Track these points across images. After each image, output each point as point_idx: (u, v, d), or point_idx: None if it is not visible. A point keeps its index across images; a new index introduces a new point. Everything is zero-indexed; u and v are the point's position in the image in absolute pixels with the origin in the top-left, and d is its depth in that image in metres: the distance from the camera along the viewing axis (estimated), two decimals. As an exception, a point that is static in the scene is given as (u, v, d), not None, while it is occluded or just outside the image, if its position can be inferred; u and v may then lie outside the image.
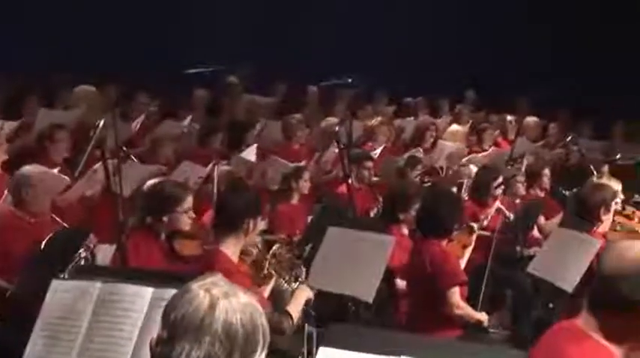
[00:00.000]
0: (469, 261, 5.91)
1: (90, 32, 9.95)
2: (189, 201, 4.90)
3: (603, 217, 5.64)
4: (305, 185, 7.36)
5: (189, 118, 9.02)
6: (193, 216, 4.95)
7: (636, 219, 6.01)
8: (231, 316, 1.97)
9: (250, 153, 8.06)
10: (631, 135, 11.27)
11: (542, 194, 8.13)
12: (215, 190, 6.36)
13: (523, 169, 8.35)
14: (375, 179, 8.08)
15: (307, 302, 4.51)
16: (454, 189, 7.36)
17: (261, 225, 4.53)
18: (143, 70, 9.60)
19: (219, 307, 1.97)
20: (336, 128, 7.10)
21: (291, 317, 4.33)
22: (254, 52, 10.95)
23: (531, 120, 10.70)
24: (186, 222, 4.86)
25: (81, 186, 6.18)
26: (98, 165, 5.91)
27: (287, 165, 7.68)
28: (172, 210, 4.82)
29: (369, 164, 7.85)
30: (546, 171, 8.19)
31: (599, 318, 2.47)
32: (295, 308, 4.39)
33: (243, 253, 4.46)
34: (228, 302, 1.99)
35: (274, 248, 4.79)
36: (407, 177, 7.92)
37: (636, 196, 7.69)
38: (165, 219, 4.82)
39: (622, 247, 2.50)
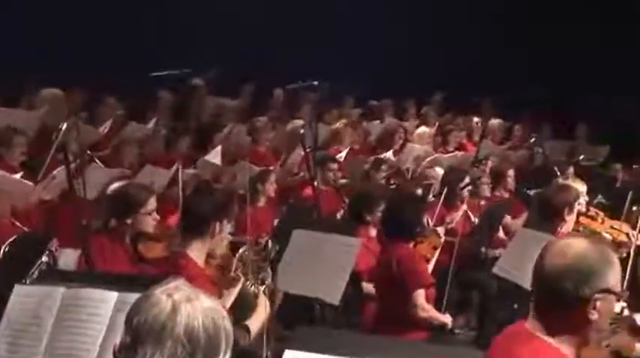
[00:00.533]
0: (436, 263, 5.93)
1: (59, 34, 9.86)
2: (152, 203, 4.88)
3: (567, 218, 5.68)
4: (271, 188, 7.35)
5: (153, 121, 8.96)
6: (158, 217, 4.93)
7: (600, 220, 6.06)
8: (193, 320, 1.98)
9: (215, 156, 8.03)
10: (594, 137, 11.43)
11: (506, 195, 8.20)
12: (180, 193, 6.32)
13: (487, 171, 8.42)
14: (342, 181, 8.10)
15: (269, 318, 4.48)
16: (420, 192, 7.38)
17: (228, 227, 4.51)
18: (111, 73, 9.52)
19: (181, 311, 1.98)
20: (302, 131, 7.09)
21: (249, 332, 4.29)
22: (220, 54, 10.91)
23: (496, 122, 10.81)
24: (150, 224, 4.84)
25: (39, 190, 6.13)
26: (57, 171, 5.87)
27: (253, 168, 7.67)
28: (136, 212, 4.79)
29: (333, 166, 7.87)
30: (510, 173, 8.27)
31: (546, 318, 2.46)
32: (255, 322, 4.37)
33: (210, 256, 4.43)
34: (190, 306, 1.99)
35: (241, 251, 4.76)
36: (372, 180, 7.94)
37: (599, 197, 7.77)
38: (129, 221, 4.80)
39: (561, 245, 2.49)
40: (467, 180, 7.34)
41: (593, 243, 2.48)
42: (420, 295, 5.25)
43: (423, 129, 10.54)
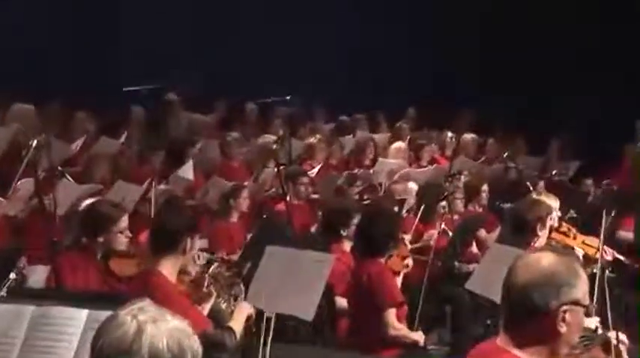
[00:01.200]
0: (409, 277, 5.94)
1: (31, 48, 9.80)
2: (124, 221, 4.85)
3: (540, 233, 5.70)
4: (244, 203, 7.34)
5: (124, 135, 8.92)
6: (129, 235, 4.91)
7: (572, 236, 6.09)
8: (157, 341, 1.97)
9: (187, 171, 8.01)
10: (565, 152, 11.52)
11: (480, 210, 8.21)
12: (152, 209, 6.30)
13: (461, 185, 8.43)
14: (314, 196, 8.09)
15: (248, 318, 4.49)
16: (395, 207, 7.40)
17: (199, 243, 4.50)
18: (84, 88, 9.48)
19: (146, 332, 1.98)
20: (274, 146, 7.10)
21: (234, 333, 4.30)
22: (193, 69, 10.91)
23: (469, 136, 10.83)
24: (122, 242, 4.81)
25: (3, 205, 6.07)
26: (20, 183, 5.83)
27: (225, 184, 7.65)
28: (108, 230, 4.77)
29: (305, 180, 7.87)
30: (484, 187, 8.29)
31: (516, 332, 2.48)
32: (237, 324, 4.37)
33: (182, 272, 4.42)
34: (155, 327, 1.99)
35: (213, 267, 4.75)
36: (346, 195, 7.95)
37: (571, 212, 7.81)
38: (100, 239, 4.78)
39: (529, 259, 2.51)
40: (443, 196, 7.35)
41: (560, 256, 2.51)
42: (391, 314, 5.25)
43: (399, 143, 10.56)
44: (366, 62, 12.31)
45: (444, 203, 7.39)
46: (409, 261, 5.80)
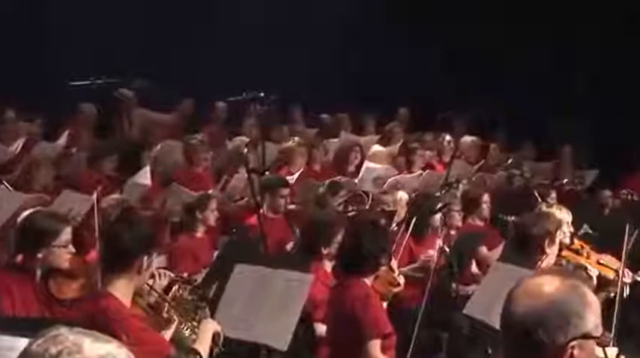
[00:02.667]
0: (403, 300, 5.90)
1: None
2: (67, 234, 4.81)
3: (548, 250, 5.70)
4: (211, 216, 7.33)
5: (64, 136, 8.87)
6: (73, 251, 4.86)
7: (585, 254, 6.09)
8: None
9: (144, 178, 7.98)
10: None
11: (481, 224, 8.24)
12: (101, 222, 6.25)
13: (459, 195, 8.46)
14: (291, 207, 8.10)
15: (215, 337, 4.47)
16: (383, 220, 7.38)
17: (157, 261, 4.48)
18: (18, 85, 9.42)
19: None
20: (245, 150, 7.07)
21: (200, 356, 4.30)
22: (151, 62, 10.89)
23: (469, 139, 10.85)
24: (64, 259, 4.77)
25: None
26: None
27: (189, 193, 7.62)
28: (47, 245, 4.72)
29: (285, 191, 7.85)
30: (486, 198, 8.30)
31: None
32: (203, 345, 4.36)
33: (137, 295, 4.40)
34: None
35: (174, 289, 4.73)
36: (328, 206, 7.95)
37: (585, 227, 7.83)
38: (39, 255, 4.73)
39: (531, 285, 2.48)
40: (438, 207, 7.34)
41: (566, 280, 2.47)
42: (375, 346, 5.19)
43: (389, 147, 10.56)
44: (349, 57, 12.34)
45: (439, 215, 7.37)
46: (400, 280, 5.79)
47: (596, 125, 11.98)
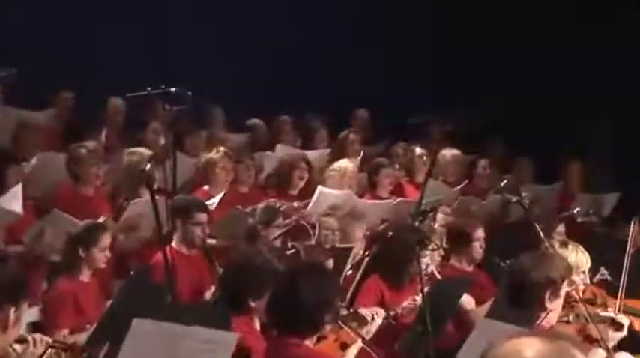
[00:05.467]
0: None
1: None
2: None
3: (549, 304, 5.73)
4: (100, 254, 7.27)
5: None
6: None
7: (600, 302, 6.17)
8: None
9: (13, 201, 7.92)
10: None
11: (468, 268, 8.27)
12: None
13: (436, 226, 8.51)
14: (211, 242, 8.11)
15: None
16: (330, 261, 7.41)
17: (29, 314, 4.47)
18: None
19: None
20: (148, 164, 6.99)
21: None
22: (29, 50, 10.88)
23: (449, 154, 10.95)
24: None
25: None
26: None
27: (74, 222, 7.58)
28: None
29: (201, 217, 7.84)
30: (480, 234, 8.27)
31: None
32: None
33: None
34: None
35: (49, 352, 4.72)
36: (261, 241, 7.96)
37: (602, 270, 7.89)
38: None
39: (507, 349, 2.61)
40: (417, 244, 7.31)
41: (551, 343, 2.59)
42: None
43: (345, 162, 10.56)
44: (299, 49, 12.47)
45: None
46: (352, 352, 5.78)
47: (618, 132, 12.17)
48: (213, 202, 8.74)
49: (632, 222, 6.34)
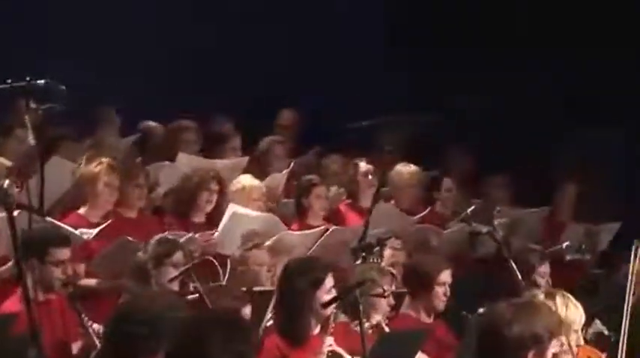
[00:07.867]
0: None
1: None
2: None
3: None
4: None
5: None
6: None
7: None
8: None
9: None
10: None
11: (427, 319, 8.33)
12: None
13: (383, 264, 8.57)
14: (89, 282, 8.13)
15: None
16: (247, 309, 7.43)
17: None
18: None
19: None
20: (6, 181, 6.93)
21: None
22: None
23: (406, 171, 10.99)
24: None
25: None
26: None
27: None
28: None
29: (62, 255, 7.79)
30: (446, 276, 8.35)
31: None
32: None
33: None
34: None
35: None
36: (153, 282, 7.97)
37: (597, 322, 7.94)
38: None
39: None
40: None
41: None
42: None
43: (268, 179, 10.52)
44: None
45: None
46: None
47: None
48: (91, 232, 8.71)
49: (634, 247, 6.33)
